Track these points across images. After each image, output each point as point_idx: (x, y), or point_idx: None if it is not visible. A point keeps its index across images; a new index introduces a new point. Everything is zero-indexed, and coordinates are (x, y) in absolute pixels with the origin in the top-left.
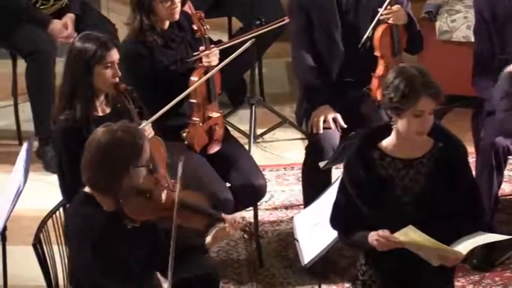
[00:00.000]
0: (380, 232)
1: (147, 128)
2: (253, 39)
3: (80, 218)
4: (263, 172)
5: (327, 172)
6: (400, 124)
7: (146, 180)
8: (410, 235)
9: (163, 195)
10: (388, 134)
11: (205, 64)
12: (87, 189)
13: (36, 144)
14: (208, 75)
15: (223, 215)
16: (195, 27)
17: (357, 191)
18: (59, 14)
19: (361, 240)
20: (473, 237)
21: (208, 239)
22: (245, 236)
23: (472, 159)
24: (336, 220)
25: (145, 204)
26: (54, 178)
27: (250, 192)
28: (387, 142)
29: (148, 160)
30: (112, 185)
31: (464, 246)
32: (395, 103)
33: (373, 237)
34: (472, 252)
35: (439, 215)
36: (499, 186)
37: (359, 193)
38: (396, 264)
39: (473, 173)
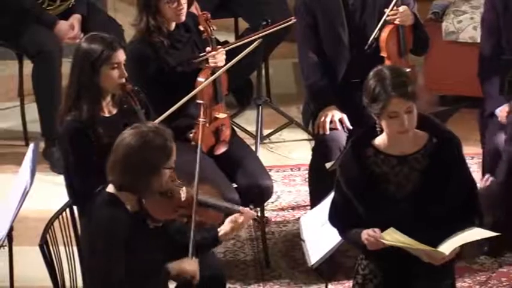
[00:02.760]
0: (370, 232)
1: None
2: (260, 40)
3: (107, 219)
4: (270, 173)
5: (334, 173)
6: (383, 125)
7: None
8: (393, 235)
9: (183, 194)
10: (381, 131)
11: (212, 65)
12: (110, 189)
13: (42, 144)
14: (215, 76)
15: (240, 208)
16: (201, 28)
17: (351, 189)
18: (66, 15)
19: (355, 238)
20: (461, 234)
21: (222, 231)
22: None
23: (478, 160)
24: (333, 218)
25: (168, 203)
26: (60, 179)
27: (257, 193)
28: (380, 140)
29: (175, 161)
30: (141, 186)
31: (448, 246)
32: (370, 106)
33: (364, 236)
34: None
35: (434, 211)
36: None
37: (354, 191)
38: (396, 258)
39: (479, 173)
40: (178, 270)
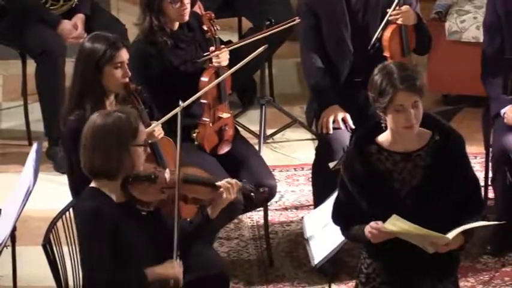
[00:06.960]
0: (373, 224)
1: (157, 128)
2: (266, 45)
3: (88, 213)
4: (273, 172)
5: (337, 172)
6: (388, 121)
7: (146, 166)
8: (396, 223)
9: (167, 175)
10: (386, 128)
11: (216, 64)
12: (93, 183)
13: (46, 144)
14: (221, 78)
15: (217, 182)
16: (205, 27)
17: (355, 186)
18: (69, 15)
19: (358, 233)
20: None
21: (209, 209)
22: (252, 195)
23: (481, 160)
24: (337, 216)
25: (153, 186)
26: (64, 178)
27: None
28: (383, 137)
29: (145, 140)
30: (113, 167)
31: (452, 233)
32: (376, 101)
33: (367, 229)
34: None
35: (438, 207)
36: None
37: (358, 188)
38: (399, 256)
39: (482, 172)
40: (158, 275)
